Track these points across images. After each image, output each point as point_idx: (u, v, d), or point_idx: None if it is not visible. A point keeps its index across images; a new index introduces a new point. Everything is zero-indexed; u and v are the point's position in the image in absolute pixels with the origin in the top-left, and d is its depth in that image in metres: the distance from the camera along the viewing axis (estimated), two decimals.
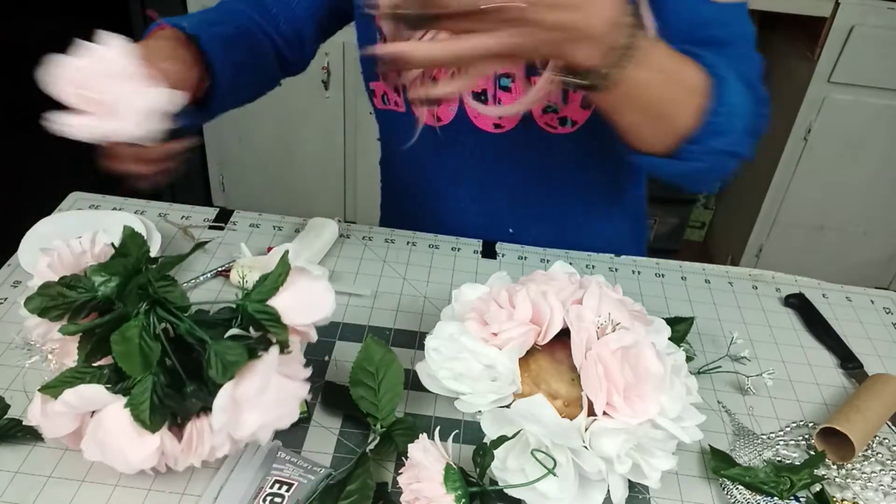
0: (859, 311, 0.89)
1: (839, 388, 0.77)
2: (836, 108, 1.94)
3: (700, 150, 0.68)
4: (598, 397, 0.57)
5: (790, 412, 0.73)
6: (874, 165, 2.02)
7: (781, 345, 0.82)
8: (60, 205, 0.92)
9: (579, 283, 0.66)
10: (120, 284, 0.55)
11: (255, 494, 0.58)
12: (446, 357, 0.63)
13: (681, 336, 0.77)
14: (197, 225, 0.91)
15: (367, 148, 2.21)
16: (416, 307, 0.82)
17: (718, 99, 0.66)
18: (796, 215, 2.13)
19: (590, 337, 0.60)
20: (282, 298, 0.57)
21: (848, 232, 2.14)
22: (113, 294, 0.55)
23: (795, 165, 2.04)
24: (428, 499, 0.54)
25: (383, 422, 0.64)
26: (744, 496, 0.63)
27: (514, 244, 0.93)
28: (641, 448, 0.58)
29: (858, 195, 2.07)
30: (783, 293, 0.90)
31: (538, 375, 0.62)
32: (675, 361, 0.63)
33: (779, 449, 0.69)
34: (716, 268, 0.94)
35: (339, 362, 0.73)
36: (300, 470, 0.61)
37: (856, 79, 1.89)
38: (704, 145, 0.68)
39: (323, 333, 0.77)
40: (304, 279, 0.58)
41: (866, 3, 1.78)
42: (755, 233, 2.18)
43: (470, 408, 0.61)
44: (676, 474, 0.66)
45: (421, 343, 0.76)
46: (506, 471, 0.58)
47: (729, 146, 0.69)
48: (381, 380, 0.66)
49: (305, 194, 2.33)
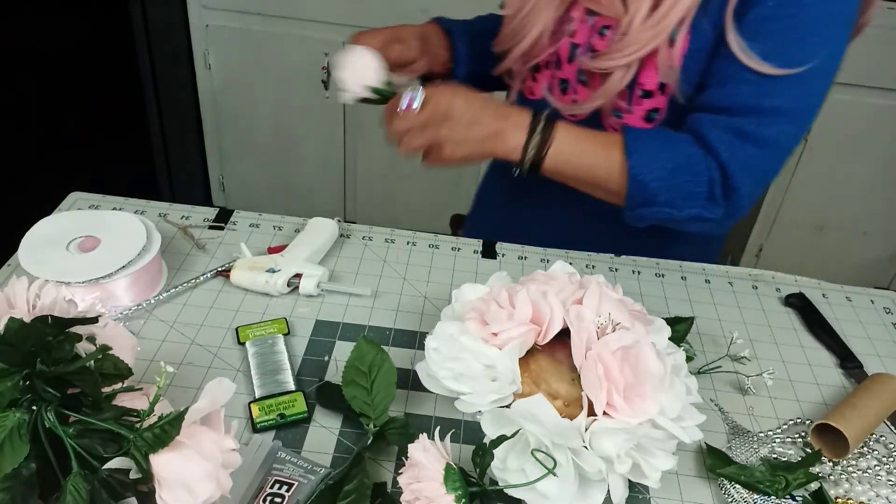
0: (859, 311, 0.89)
1: (839, 388, 0.77)
2: (836, 108, 1.94)
3: (632, 215, 0.80)
4: (598, 397, 0.57)
5: (790, 412, 0.73)
6: (874, 165, 2.02)
7: (781, 345, 0.82)
8: (60, 205, 0.92)
9: (579, 283, 0.66)
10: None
11: (255, 494, 0.58)
12: (446, 357, 0.63)
13: (681, 336, 0.77)
14: (197, 225, 0.91)
15: (367, 148, 2.21)
16: (416, 307, 0.82)
17: (629, 175, 0.77)
18: (796, 215, 2.13)
19: (590, 337, 0.60)
20: (166, 458, 0.48)
21: (848, 232, 2.14)
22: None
23: (795, 165, 2.04)
24: (428, 499, 0.54)
25: (376, 421, 0.64)
26: (741, 495, 0.63)
27: (514, 244, 0.93)
28: (641, 448, 0.58)
29: (858, 195, 2.07)
30: (783, 293, 0.90)
31: (538, 375, 0.62)
32: (675, 361, 0.63)
33: (774, 447, 0.69)
34: (716, 268, 0.94)
35: (339, 362, 0.73)
36: (300, 470, 0.61)
37: (856, 79, 1.89)
38: (634, 212, 0.79)
39: (323, 333, 0.77)
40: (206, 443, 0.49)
41: None
42: (755, 233, 2.18)
43: (470, 408, 0.61)
44: (676, 474, 0.66)
45: (421, 343, 0.76)
46: (506, 471, 0.58)
47: (660, 215, 0.78)
48: (373, 379, 0.66)
49: (305, 194, 2.33)
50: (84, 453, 0.50)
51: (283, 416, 0.66)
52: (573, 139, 0.79)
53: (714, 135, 0.76)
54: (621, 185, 0.78)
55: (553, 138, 0.78)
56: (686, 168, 0.76)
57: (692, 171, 0.77)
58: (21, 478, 0.50)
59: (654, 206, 0.78)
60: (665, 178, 0.76)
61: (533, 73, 0.92)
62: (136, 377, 0.57)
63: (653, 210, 0.78)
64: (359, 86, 0.84)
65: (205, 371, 0.71)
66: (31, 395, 0.50)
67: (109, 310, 0.76)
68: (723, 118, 0.77)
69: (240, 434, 0.65)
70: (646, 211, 0.79)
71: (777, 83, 0.74)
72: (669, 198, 0.77)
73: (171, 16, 2.04)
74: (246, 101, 2.15)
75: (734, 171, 0.76)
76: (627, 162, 0.76)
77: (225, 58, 2.08)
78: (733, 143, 0.76)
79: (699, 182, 0.77)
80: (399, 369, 0.68)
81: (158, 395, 0.51)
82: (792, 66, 0.73)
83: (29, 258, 0.75)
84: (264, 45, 2.04)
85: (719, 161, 0.76)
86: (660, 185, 0.76)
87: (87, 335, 0.56)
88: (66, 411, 0.51)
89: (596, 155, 0.79)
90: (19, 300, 0.57)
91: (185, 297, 0.80)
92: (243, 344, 0.74)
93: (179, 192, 2.37)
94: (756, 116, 0.75)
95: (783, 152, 0.78)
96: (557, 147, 0.78)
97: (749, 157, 0.76)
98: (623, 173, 0.77)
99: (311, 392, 0.70)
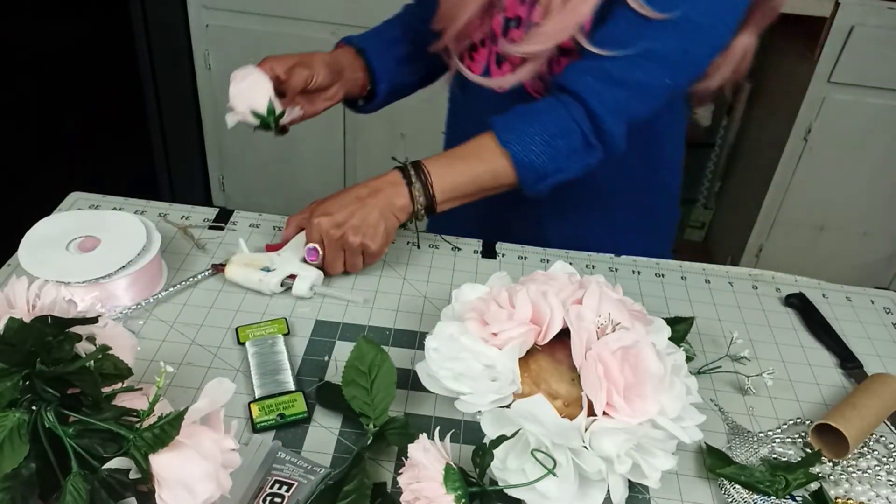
0: (859, 311, 0.88)
1: (839, 388, 0.77)
2: (836, 108, 1.94)
3: (536, 189, 0.82)
4: (598, 397, 0.57)
5: (790, 412, 0.73)
6: (874, 165, 2.02)
7: (781, 345, 0.82)
8: (60, 205, 0.92)
9: (579, 283, 0.66)
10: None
11: (255, 494, 0.58)
12: (446, 357, 0.63)
13: (681, 336, 0.77)
14: (197, 225, 0.91)
15: (367, 148, 2.21)
16: (416, 307, 0.82)
17: (517, 165, 0.79)
18: (796, 215, 2.13)
19: (590, 337, 0.60)
20: (166, 458, 0.48)
21: (848, 232, 2.14)
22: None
23: (795, 165, 2.04)
24: (428, 499, 0.54)
25: (376, 421, 0.64)
26: (741, 495, 0.63)
27: (514, 244, 0.93)
28: (641, 448, 0.58)
29: (858, 195, 2.07)
30: (783, 293, 0.90)
31: (538, 375, 0.62)
32: (675, 361, 0.63)
33: (774, 447, 0.69)
34: (716, 268, 0.94)
35: (340, 362, 0.73)
36: (300, 470, 0.61)
37: (856, 79, 1.89)
38: (535, 188, 0.81)
39: (323, 333, 0.77)
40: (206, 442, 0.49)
41: (866, 3, 1.78)
42: (755, 233, 2.18)
43: (470, 408, 0.61)
44: (676, 474, 0.66)
45: (421, 343, 0.76)
46: (506, 471, 0.58)
47: (558, 175, 0.81)
48: (373, 379, 0.66)
49: (305, 194, 2.32)
50: (84, 453, 0.50)
51: (283, 416, 0.66)
52: (445, 165, 0.81)
53: (582, 84, 0.79)
54: (510, 176, 0.80)
55: (430, 175, 0.80)
56: (558, 132, 0.79)
57: (564, 131, 0.79)
58: (21, 478, 0.50)
59: (547, 178, 0.81)
60: (546, 151, 0.79)
61: (470, 51, 0.92)
62: (136, 377, 0.57)
63: (547, 181, 0.81)
64: (244, 108, 0.83)
65: (205, 371, 0.71)
66: (31, 395, 0.50)
67: (109, 310, 0.76)
68: (594, 63, 0.79)
69: (240, 434, 0.65)
70: (541, 184, 0.81)
71: (652, 27, 0.76)
72: (556, 165, 0.80)
73: (171, 16, 2.04)
74: None
75: (603, 116, 0.78)
76: (508, 152, 0.79)
77: (225, 58, 2.08)
78: (601, 90, 0.78)
79: (574, 138, 0.80)
80: (399, 369, 0.68)
81: (158, 395, 0.51)
82: (665, 11, 0.75)
83: (29, 258, 0.75)
84: (264, 45, 2.03)
85: (588, 109, 0.79)
86: (544, 158, 0.79)
87: (87, 335, 0.56)
88: (65, 411, 0.51)
89: (474, 166, 0.81)
90: (19, 300, 0.57)
91: (185, 296, 0.80)
92: (243, 344, 0.74)
93: (179, 192, 2.36)
94: (626, 58, 0.77)
95: (651, 97, 0.81)
96: (438, 181, 0.80)
97: (617, 100, 0.79)
98: (507, 165, 0.80)
99: (311, 392, 0.70)
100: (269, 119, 0.84)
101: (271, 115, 0.84)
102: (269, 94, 0.84)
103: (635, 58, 0.77)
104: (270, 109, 0.84)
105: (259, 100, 0.83)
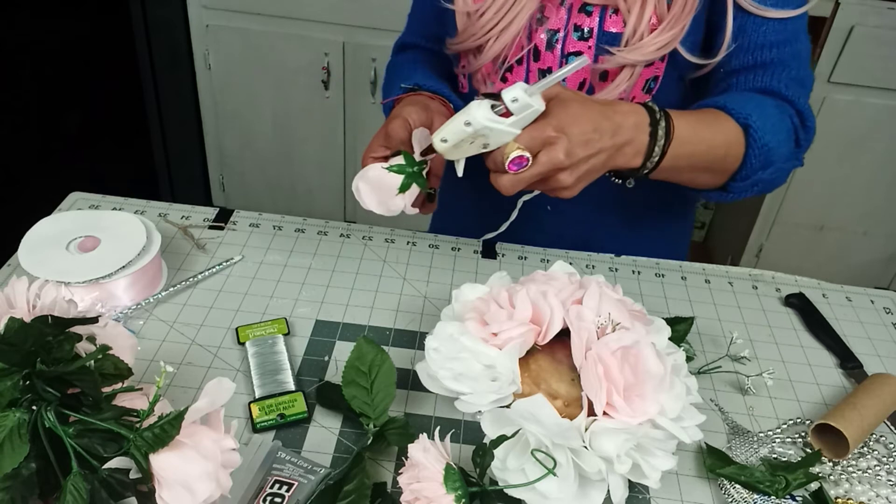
0: (859, 311, 0.89)
1: (839, 388, 0.77)
2: (836, 108, 1.94)
3: (747, 184, 0.79)
4: (598, 397, 0.57)
5: (790, 412, 0.73)
6: (874, 165, 2.02)
7: (781, 345, 0.82)
8: (60, 205, 0.92)
9: (579, 283, 0.66)
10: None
11: (255, 494, 0.58)
12: (446, 357, 0.63)
13: (681, 336, 0.77)
14: (197, 225, 0.91)
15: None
16: (416, 307, 0.82)
17: (752, 143, 0.76)
18: (796, 215, 2.13)
19: (590, 337, 0.60)
20: (166, 458, 0.48)
21: (848, 232, 2.14)
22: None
23: None
24: (428, 499, 0.54)
25: (376, 421, 0.64)
26: (741, 495, 0.63)
27: (514, 244, 0.93)
28: (641, 448, 0.58)
29: (858, 195, 2.07)
30: (783, 293, 0.90)
31: (538, 375, 0.62)
32: (675, 361, 0.63)
33: (774, 447, 0.69)
34: (716, 268, 0.94)
35: (339, 362, 0.73)
36: (300, 470, 0.61)
37: (856, 79, 1.89)
38: (750, 179, 0.78)
39: (323, 333, 0.77)
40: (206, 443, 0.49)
41: (866, 3, 1.78)
42: (755, 233, 2.18)
43: (470, 408, 0.61)
44: (676, 474, 0.66)
45: (421, 343, 0.76)
46: (506, 471, 0.58)
47: (771, 174, 0.80)
48: (373, 379, 0.66)
49: (305, 194, 2.33)
50: (84, 453, 0.50)
51: (283, 416, 0.66)
52: (689, 126, 0.72)
53: (785, 85, 0.80)
54: (738, 157, 0.76)
55: (673, 134, 0.70)
56: (785, 125, 0.80)
57: (786, 126, 0.80)
58: (21, 478, 0.50)
59: (770, 167, 0.78)
60: (780, 137, 0.78)
61: (504, 72, 0.85)
62: (136, 377, 0.57)
63: (766, 172, 0.78)
64: (376, 205, 0.73)
65: (205, 371, 0.71)
66: (31, 394, 0.50)
67: (109, 310, 0.76)
68: (785, 72, 0.81)
69: (240, 434, 0.65)
70: (761, 174, 0.78)
71: (788, 26, 0.80)
72: (780, 153, 0.79)
73: (171, 16, 2.04)
74: (246, 102, 2.15)
75: (807, 113, 0.81)
76: (749, 129, 0.75)
77: (225, 58, 2.08)
78: (799, 90, 0.81)
79: (790, 135, 0.80)
80: (399, 369, 0.68)
81: (158, 395, 0.51)
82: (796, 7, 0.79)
83: (29, 258, 0.75)
84: (264, 45, 2.04)
85: (797, 108, 0.80)
86: (778, 144, 0.78)
87: (87, 335, 0.56)
88: (66, 411, 0.51)
89: (713, 135, 0.74)
90: (19, 300, 0.57)
91: (185, 296, 0.80)
92: (243, 344, 0.74)
93: (179, 192, 2.37)
94: (796, 59, 0.81)
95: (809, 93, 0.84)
96: (676, 144, 0.70)
97: (806, 98, 0.82)
98: (741, 143, 0.76)
99: (311, 392, 0.70)
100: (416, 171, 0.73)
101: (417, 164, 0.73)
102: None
103: (800, 59, 0.81)
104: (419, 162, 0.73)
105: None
